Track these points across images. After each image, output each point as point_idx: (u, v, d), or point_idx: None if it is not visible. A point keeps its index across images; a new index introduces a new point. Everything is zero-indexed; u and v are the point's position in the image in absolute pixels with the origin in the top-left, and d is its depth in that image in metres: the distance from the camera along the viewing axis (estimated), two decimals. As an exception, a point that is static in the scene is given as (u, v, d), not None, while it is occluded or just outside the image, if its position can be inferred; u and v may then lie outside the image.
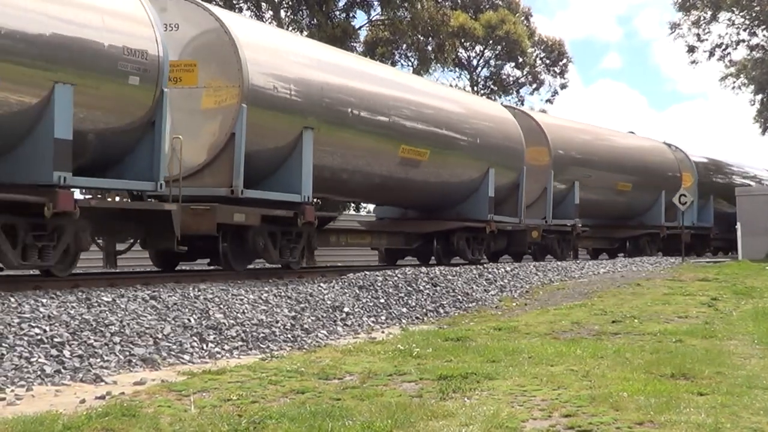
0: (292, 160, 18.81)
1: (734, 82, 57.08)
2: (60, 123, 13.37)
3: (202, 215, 16.72)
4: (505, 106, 32.56)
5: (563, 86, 67.91)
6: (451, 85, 51.62)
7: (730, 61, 55.29)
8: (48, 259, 13.93)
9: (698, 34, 53.21)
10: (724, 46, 53.72)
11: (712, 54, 53.90)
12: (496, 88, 63.04)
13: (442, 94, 27.54)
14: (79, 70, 13.75)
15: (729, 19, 52.54)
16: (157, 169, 15.28)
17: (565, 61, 67.13)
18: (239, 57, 17.47)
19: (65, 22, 13.59)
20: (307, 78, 19.35)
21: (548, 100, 68.43)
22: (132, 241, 16.52)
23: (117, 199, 16.29)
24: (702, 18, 52.68)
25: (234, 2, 44.41)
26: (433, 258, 26.84)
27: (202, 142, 17.45)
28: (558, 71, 67.12)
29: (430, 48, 50.19)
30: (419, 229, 26.06)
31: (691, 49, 53.96)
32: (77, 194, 14.93)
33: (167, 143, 15.55)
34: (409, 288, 18.13)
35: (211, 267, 19.89)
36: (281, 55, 19.14)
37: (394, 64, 49.10)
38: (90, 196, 15.68)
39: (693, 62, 54.67)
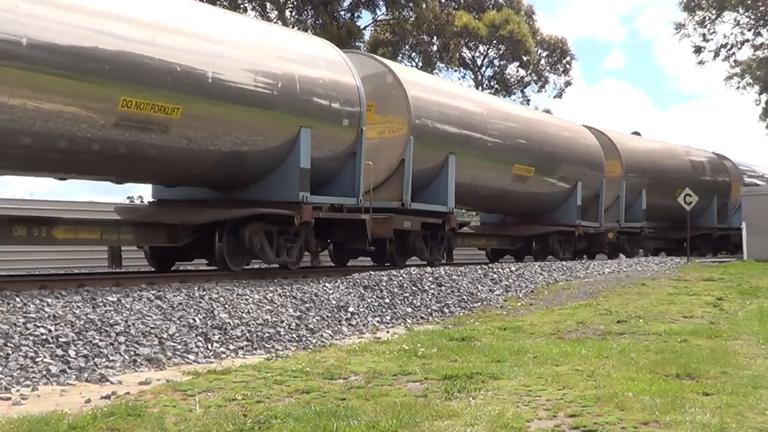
0: (440, 178, 24.24)
1: (739, 82, 57.06)
2: (303, 155, 18.35)
3: (384, 222, 21.80)
4: (587, 127, 36.15)
5: (567, 84, 67.88)
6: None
7: (735, 61, 55.25)
8: (292, 256, 18.91)
9: (704, 34, 53.15)
10: (729, 46, 53.66)
11: (717, 54, 53.84)
12: (499, 88, 63.00)
13: (541, 119, 33.06)
14: (316, 118, 18.91)
15: (734, 19, 52.50)
16: (357, 188, 20.49)
17: (568, 59, 67.10)
18: (407, 99, 22.79)
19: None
20: (450, 112, 24.78)
21: (557, 95, 68.42)
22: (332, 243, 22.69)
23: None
24: (707, 18, 52.62)
25: (239, 2, 44.42)
26: (528, 256, 31.47)
27: (380, 166, 22.06)
28: (562, 70, 67.10)
29: (434, 48, 50.18)
30: (522, 233, 30.92)
31: (698, 50, 53.89)
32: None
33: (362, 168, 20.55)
34: (414, 288, 18.12)
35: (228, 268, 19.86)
36: (433, 93, 24.71)
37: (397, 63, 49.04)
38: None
39: (700, 62, 54.62)
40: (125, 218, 18.06)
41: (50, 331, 10.65)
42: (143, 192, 43.83)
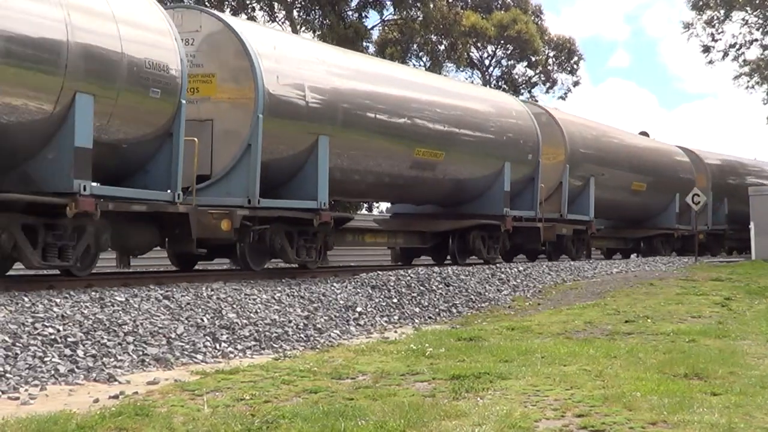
0: (584, 195, 32.20)
1: (748, 82, 56.88)
2: (506, 181, 26.73)
3: (550, 229, 28.88)
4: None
5: (576, 84, 67.83)
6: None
7: (744, 60, 55.09)
8: (496, 252, 26.78)
9: (712, 34, 53.02)
10: (737, 46, 53.52)
11: (726, 54, 53.71)
12: (507, 88, 62.97)
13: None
14: (513, 157, 27.23)
15: (742, 19, 52.35)
16: (535, 203, 28.32)
17: (576, 59, 67.02)
18: (563, 133, 30.47)
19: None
20: (592, 140, 32.67)
21: (561, 97, 68.40)
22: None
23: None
24: (715, 18, 52.48)
25: (247, 2, 44.46)
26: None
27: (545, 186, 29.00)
28: (569, 69, 67.02)
29: (442, 48, 50.17)
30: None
31: (707, 49, 53.74)
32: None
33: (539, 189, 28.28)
34: (421, 288, 18.13)
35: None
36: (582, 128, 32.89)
37: (405, 63, 49.08)
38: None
39: (709, 62, 54.51)
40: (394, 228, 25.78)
41: (58, 330, 10.66)
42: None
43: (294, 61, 19.04)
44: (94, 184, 14.18)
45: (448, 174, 24.63)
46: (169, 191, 15.60)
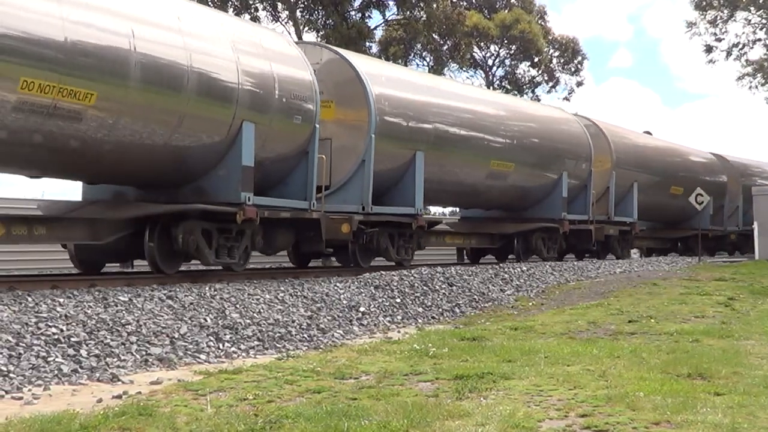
0: (627, 199, 34.67)
1: (751, 82, 56.84)
2: (564, 188, 29.55)
3: (599, 230, 31.49)
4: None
5: (579, 84, 67.79)
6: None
7: (747, 60, 55.06)
8: (554, 252, 29.46)
9: (715, 33, 53.00)
10: (741, 46, 53.51)
11: (729, 53, 53.70)
12: (510, 88, 62.93)
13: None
14: (569, 168, 30.09)
15: (745, 18, 52.34)
16: (588, 208, 31.12)
17: (580, 58, 66.98)
18: (609, 143, 32.66)
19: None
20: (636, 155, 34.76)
21: (565, 98, 68.36)
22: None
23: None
24: (719, 17, 52.47)
25: (250, 2, 44.46)
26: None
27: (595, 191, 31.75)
28: (573, 69, 66.99)
29: (445, 48, 50.16)
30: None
31: (709, 49, 53.73)
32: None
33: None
34: (425, 288, 18.12)
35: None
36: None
37: (407, 63, 49.10)
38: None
39: (711, 62, 54.49)
40: (468, 230, 28.17)
41: (62, 330, 10.67)
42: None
43: (397, 88, 22.61)
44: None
45: (516, 182, 27.84)
46: (305, 200, 18.75)
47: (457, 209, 33.85)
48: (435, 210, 44.28)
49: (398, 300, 16.95)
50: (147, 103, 14.71)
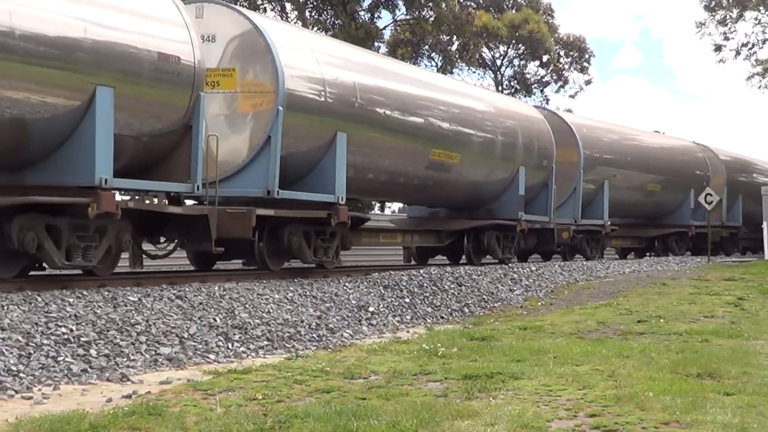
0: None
1: (760, 81, 56.74)
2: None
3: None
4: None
5: (588, 82, 67.74)
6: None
7: (756, 60, 54.96)
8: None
9: (724, 33, 52.94)
10: (750, 45, 53.44)
11: (738, 53, 53.64)
12: (519, 88, 62.92)
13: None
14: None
15: (755, 18, 52.27)
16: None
17: (587, 57, 66.92)
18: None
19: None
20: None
21: (572, 96, 68.33)
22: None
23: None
24: (728, 17, 52.41)
25: (259, 3, 44.49)
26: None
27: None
28: (580, 68, 66.93)
29: (454, 48, 50.14)
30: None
31: (718, 48, 53.68)
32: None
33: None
34: (434, 287, 18.13)
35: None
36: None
37: (417, 64, 49.07)
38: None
39: (720, 61, 54.44)
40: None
41: (72, 330, 10.68)
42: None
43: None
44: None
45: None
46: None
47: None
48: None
49: (407, 300, 16.95)
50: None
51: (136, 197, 15.61)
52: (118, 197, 14.33)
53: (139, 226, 15.10)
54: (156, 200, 15.67)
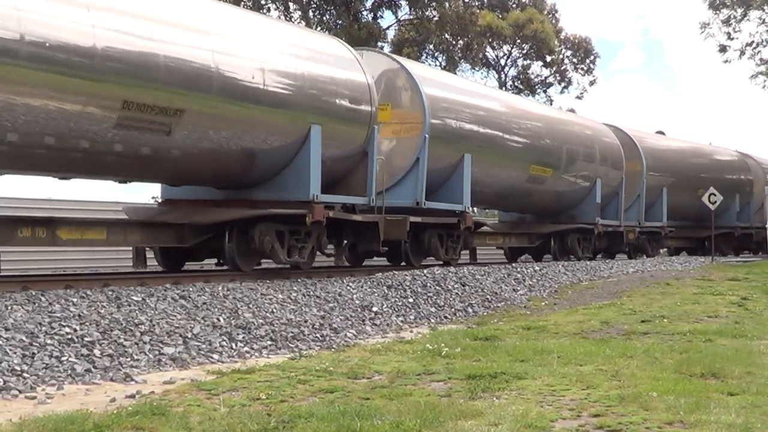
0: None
1: (764, 81, 56.68)
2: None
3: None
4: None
5: (592, 83, 67.71)
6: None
7: (761, 59, 54.91)
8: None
9: (728, 33, 52.90)
10: (754, 44, 53.40)
11: (742, 52, 53.60)
12: (523, 88, 62.89)
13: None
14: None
15: (759, 17, 52.23)
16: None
17: (592, 58, 66.86)
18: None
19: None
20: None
21: (578, 97, 68.25)
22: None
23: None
24: (732, 17, 52.37)
25: (263, 3, 44.50)
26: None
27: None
28: (585, 69, 66.88)
29: (458, 47, 50.14)
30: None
31: (723, 49, 53.64)
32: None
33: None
34: (437, 287, 18.12)
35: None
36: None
37: (420, 63, 49.05)
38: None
39: (726, 62, 54.42)
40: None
41: (75, 330, 10.69)
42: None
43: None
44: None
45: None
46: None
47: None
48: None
49: (411, 300, 16.95)
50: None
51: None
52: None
53: (328, 230, 18.80)
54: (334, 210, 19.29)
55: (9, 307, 10.96)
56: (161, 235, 16.84)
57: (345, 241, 21.01)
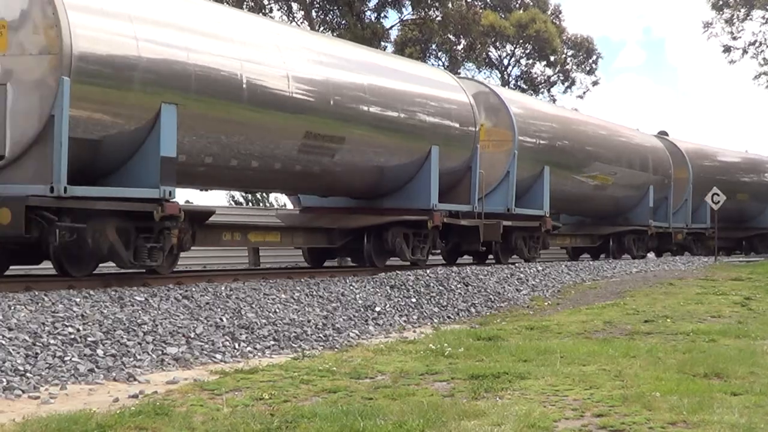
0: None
1: (768, 81, 56.60)
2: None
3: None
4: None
5: (595, 83, 67.57)
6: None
7: (764, 59, 54.83)
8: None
9: (732, 32, 52.80)
10: (757, 44, 53.32)
11: (745, 52, 53.51)
12: (526, 88, 62.82)
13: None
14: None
15: (762, 17, 52.15)
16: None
17: (594, 57, 66.72)
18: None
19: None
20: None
21: (580, 96, 68.16)
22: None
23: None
24: (735, 16, 52.27)
25: (265, 3, 44.49)
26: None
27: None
28: (588, 69, 66.75)
29: (461, 47, 50.11)
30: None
31: (727, 49, 53.56)
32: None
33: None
34: (440, 287, 18.12)
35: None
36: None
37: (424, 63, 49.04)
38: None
39: (731, 62, 54.36)
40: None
41: (78, 330, 10.70)
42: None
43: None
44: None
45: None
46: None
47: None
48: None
49: (414, 300, 16.95)
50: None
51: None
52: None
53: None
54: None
55: (12, 307, 10.97)
56: (316, 237, 20.99)
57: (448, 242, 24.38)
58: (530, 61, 63.81)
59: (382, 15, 45.88)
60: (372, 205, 21.81)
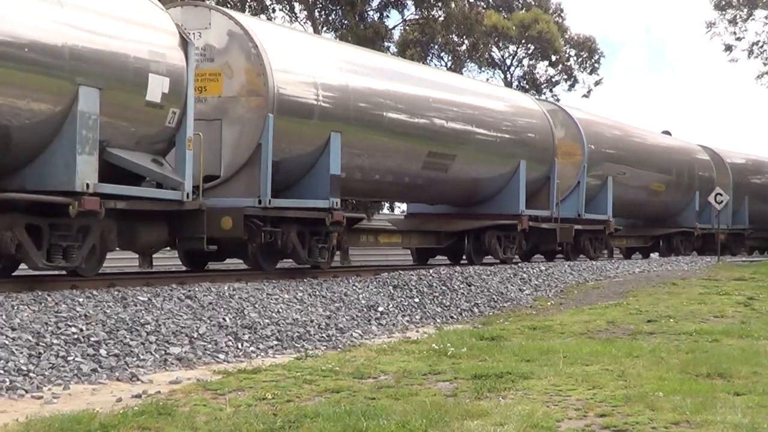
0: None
1: (771, 81, 56.52)
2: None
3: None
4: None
5: (597, 83, 67.53)
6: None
7: (767, 58, 54.76)
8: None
9: (734, 32, 52.76)
10: (760, 44, 53.27)
11: (750, 52, 53.46)
12: (529, 87, 62.78)
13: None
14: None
15: (765, 17, 52.10)
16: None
17: (597, 57, 66.67)
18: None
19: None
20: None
21: (584, 95, 68.06)
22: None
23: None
24: (738, 16, 52.23)
25: (267, 3, 44.47)
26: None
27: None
28: (590, 69, 66.70)
29: (463, 48, 50.07)
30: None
31: (729, 48, 53.53)
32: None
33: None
34: (443, 287, 18.12)
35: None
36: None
37: (425, 63, 49.05)
38: None
39: (732, 61, 54.35)
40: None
41: (81, 330, 10.70)
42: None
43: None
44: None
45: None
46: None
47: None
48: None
49: (417, 299, 16.95)
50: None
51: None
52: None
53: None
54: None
55: (15, 307, 10.98)
56: (428, 238, 24.58)
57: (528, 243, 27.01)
58: (533, 62, 63.78)
59: (385, 15, 45.84)
60: (469, 212, 25.42)
